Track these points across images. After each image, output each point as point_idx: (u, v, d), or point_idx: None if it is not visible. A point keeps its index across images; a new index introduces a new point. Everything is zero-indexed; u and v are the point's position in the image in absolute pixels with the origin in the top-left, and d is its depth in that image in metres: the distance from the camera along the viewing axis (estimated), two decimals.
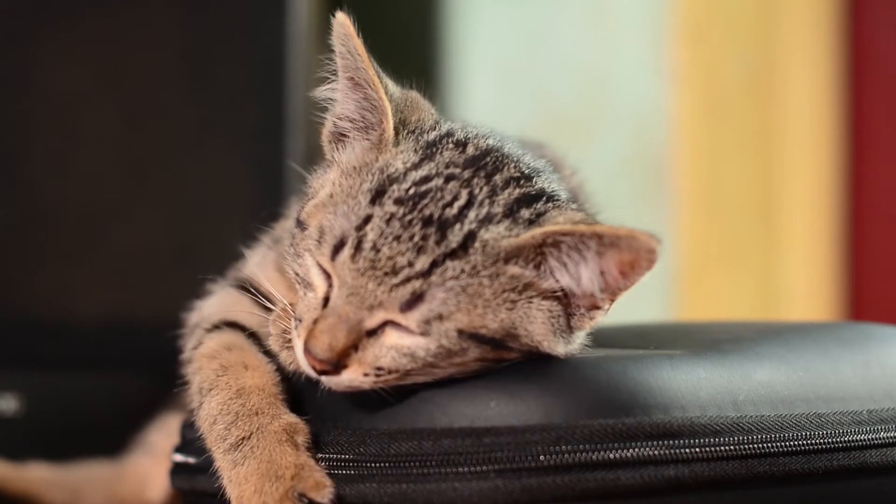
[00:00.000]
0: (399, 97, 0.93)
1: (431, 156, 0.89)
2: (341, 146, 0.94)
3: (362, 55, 0.90)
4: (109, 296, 1.55)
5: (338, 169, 0.92)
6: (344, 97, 0.93)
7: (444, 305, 0.84)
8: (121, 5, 1.58)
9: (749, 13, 2.36)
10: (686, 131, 2.30)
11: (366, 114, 0.92)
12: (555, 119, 2.33)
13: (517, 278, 0.86)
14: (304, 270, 0.88)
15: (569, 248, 0.85)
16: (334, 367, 0.85)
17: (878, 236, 2.46)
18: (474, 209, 0.86)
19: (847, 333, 1.05)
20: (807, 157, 2.40)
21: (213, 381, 0.92)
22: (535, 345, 0.86)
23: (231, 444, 0.88)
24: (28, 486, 1.31)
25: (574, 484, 0.83)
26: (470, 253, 0.85)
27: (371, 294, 0.84)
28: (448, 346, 0.84)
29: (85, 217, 1.56)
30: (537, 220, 0.87)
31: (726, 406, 0.88)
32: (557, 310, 0.87)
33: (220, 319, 0.99)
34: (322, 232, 0.87)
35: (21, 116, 1.54)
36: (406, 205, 0.85)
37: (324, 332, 0.84)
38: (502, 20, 2.38)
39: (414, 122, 0.93)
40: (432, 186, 0.87)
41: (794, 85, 2.38)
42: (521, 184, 0.89)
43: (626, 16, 2.34)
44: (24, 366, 1.52)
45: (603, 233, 0.84)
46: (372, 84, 0.91)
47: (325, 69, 0.93)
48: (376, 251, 0.84)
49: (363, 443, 0.87)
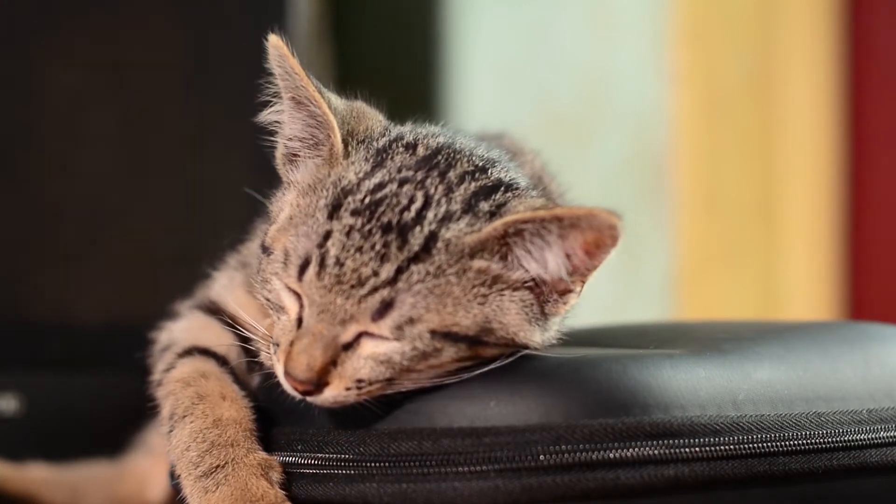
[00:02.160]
0: (344, 109, 0.93)
1: (383, 162, 0.89)
2: (295, 167, 0.93)
3: (300, 73, 0.90)
4: (110, 296, 1.55)
5: (294, 189, 0.92)
6: (289, 118, 0.93)
7: (414, 309, 0.84)
8: (121, 5, 1.58)
9: (749, 13, 2.36)
10: (686, 131, 2.30)
11: (313, 131, 0.92)
12: (555, 119, 2.33)
13: (484, 272, 0.86)
14: (275, 295, 0.88)
15: (531, 234, 0.85)
16: (316, 387, 0.85)
17: (877, 236, 2.46)
18: (432, 209, 0.86)
19: (847, 333, 1.05)
20: (807, 157, 2.40)
21: (188, 408, 0.92)
22: (512, 336, 0.86)
23: (203, 472, 0.88)
24: (28, 486, 1.31)
25: (574, 483, 0.83)
26: (433, 254, 0.84)
27: (341, 308, 0.84)
28: (422, 347, 0.84)
29: (85, 217, 1.56)
30: (497, 212, 0.87)
31: (726, 405, 0.88)
32: (530, 298, 0.87)
33: (191, 345, 0.98)
34: (287, 254, 0.87)
35: (22, 116, 1.55)
36: (363, 215, 0.85)
37: (301, 353, 0.84)
38: (502, 20, 2.38)
39: (362, 131, 0.92)
40: (387, 193, 0.86)
41: (794, 85, 2.38)
42: (477, 177, 0.89)
43: (626, 16, 2.34)
44: (24, 366, 1.52)
45: (562, 215, 0.84)
46: (314, 101, 0.90)
47: (266, 93, 0.93)
48: (340, 265, 0.84)
49: (363, 443, 0.87)
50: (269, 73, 0.92)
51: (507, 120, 2.33)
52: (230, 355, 0.97)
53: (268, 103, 0.93)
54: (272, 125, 0.94)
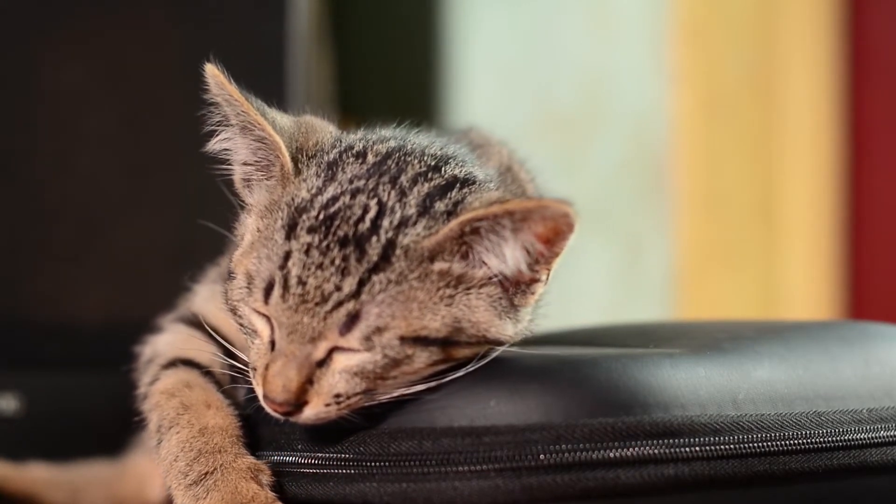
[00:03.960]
0: (291, 126, 0.93)
1: (334, 175, 0.89)
2: (251, 190, 0.93)
3: (240, 100, 0.90)
4: (109, 296, 1.55)
5: (254, 213, 0.92)
6: (237, 144, 0.93)
7: (380, 318, 0.84)
8: (121, 5, 1.58)
9: (749, 13, 2.36)
10: (686, 131, 2.30)
11: (262, 154, 0.92)
12: (555, 119, 2.33)
13: (447, 273, 0.86)
14: (246, 320, 0.88)
15: (487, 231, 0.85)
16: (296, 407, 0.85)
17: (877, 236, 2.46)
18: (387, 217, 0.86)
19: (847, 332, 1.05)
20: (807, 157, 2.40)
21: (174, 419, 0.93)
22: (483, 333, 0.86)
23: (193, 480, 0.89)
24: (28, 486, 1.31)
25: (574, 483, 0.83)
26: (393, 262, 0.84)
27: (309, 327, 0.84)
28: (393, 355, 0.84)
29: (85, 217, 1.56)
30: (454, 210, 0.87)
31: (726, 405, 0.88)
32: (497, 293, 0.87)
33: (174, 356, 0.99)
34: (250, 279, 0.87)
35: (21, 116, 1.55)
36: (320, 231, 0.85)
37: (276, 376, 0.85)
38: (502, 20, 2.38)
39: (312, 146, 0.92)
40: (341, 206, 0.86)
41: (794, 85, 2.38)
42: (430, 177, 0.89)
43: (626, 16, 2.34)
44: (24, 366, 1.52)
45: (513, 209, 0.84)
46: (257, 124, 0.90)
47: (210, 122, 0.92)
48: (303, 284, 0.84)
49: (363, 442, 0.87)
50: (210, 104, 0.91)
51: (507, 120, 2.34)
52: (213, 365, 0.97)
53: (214, 133, 0.93)
54: (223, 153, 0.94)
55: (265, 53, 1.59)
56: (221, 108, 0.91)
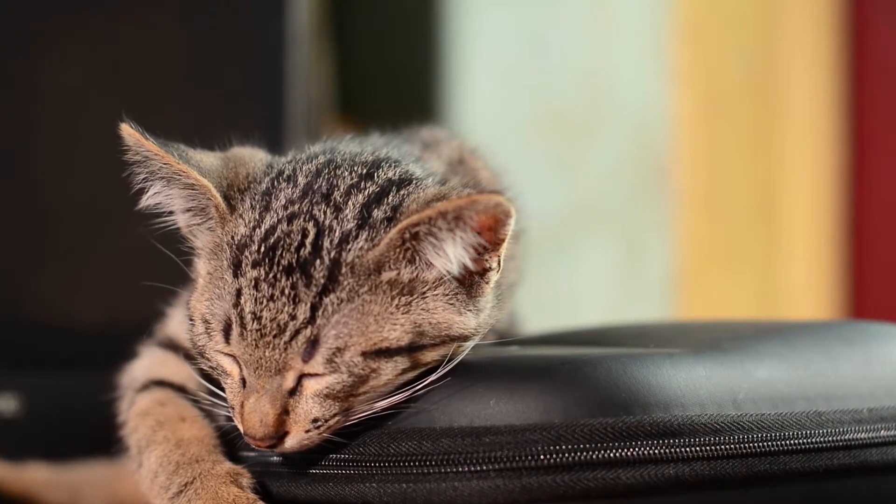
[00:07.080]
0: (217, 165, 0.92)
1: (268, 205, 0.88)
2: (196, 236, 0.93)
3: (159, 153, 0.89)
4: (109, 296, 1.55)
5: (202, 257, 0.91)
6: (171, 195, 0.92)
7: (338, 339, 0.83)
8: (121, 5, 1.58)
9: (749, 13, 2.36)
10: (686, 131, 2.30)
11: (195, 199, 0.91)
12: (555, 118, 2.33)
13: (397, 282, 0.85)
14: (215, 362, 0.88)
15: (426, 234, 0.85)
16: (277, 439, 0.85)
17: (878, 235, 2.47)
18: (326, 237, 0.85)
19: (847, 332, 1.05)
20: (807, 157, 2.40)
21: (151, 437, 0.93)
22: (446, 332, 0.86)
23: (174, 493, 0.89)
24: (28, 486, 1.31)
25: (574, 483, 0.83)
26: (341, 280, 0.84)
27: (272, 360, 0.84)
28: (358, 371, 0.84)
29: (85, 217, 1.55)
30: (394, 216, 0.86)
31: (726, 404, 0.88)
32: (452, 290, 0.87)
33: (148, 379, 0.99)
34: (207, 323, 0.87)
35: (21, 116, 1.54)
36: (264, 264, 0.85)
37: (252, 413, 0.85)
38: (502, 20, 2.38)
39: (243, 179, 0.91)
40: (280, 234, 0.86)
41: (795, 84, 2.38)
42: (363, 186, 0.88)
43: (626, 16, 2.34)
44: (24, 366, 1.52)
45: (445, 209, 0.83)
46: (182, 173, 0.89)
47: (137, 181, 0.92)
48: (258, 319, 0.84)
49: (363, 443, 0.87)
50: (133, 163, 0.91)
51: (507, 119, 2.34)
52: (188, 384, 0.97)
53: (143, 190, 0.92)
54: (159, 207, 0.93)
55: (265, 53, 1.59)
56: (145, 165, 0.90)
